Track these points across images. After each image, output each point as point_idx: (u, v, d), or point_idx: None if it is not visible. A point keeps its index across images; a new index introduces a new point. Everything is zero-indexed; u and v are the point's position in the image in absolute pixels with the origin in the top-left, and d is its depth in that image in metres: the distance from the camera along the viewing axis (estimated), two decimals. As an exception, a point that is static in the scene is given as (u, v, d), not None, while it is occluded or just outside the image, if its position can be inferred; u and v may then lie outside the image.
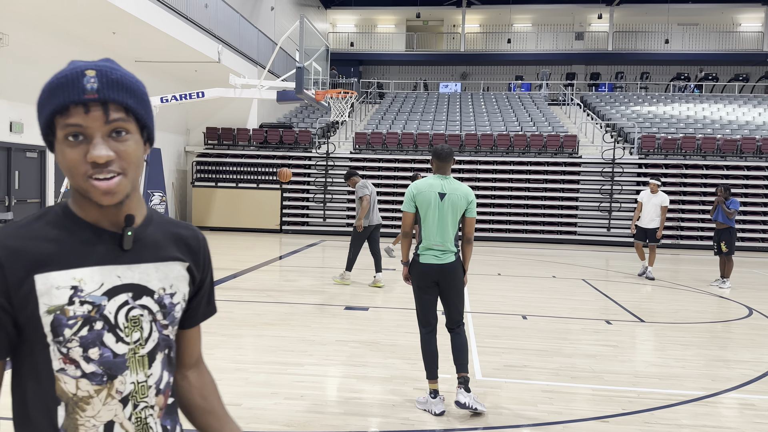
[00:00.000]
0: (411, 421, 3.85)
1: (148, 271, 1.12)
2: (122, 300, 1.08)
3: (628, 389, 4.62)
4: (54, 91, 1.03)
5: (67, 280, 1.03)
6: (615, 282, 10.13)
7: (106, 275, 1.07)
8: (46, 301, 1.02)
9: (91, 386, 1.05)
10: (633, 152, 17.45)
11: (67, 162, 1.03)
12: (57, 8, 10.93)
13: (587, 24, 30.13)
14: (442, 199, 4.09)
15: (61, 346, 1.03)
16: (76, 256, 1.05)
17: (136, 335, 1.09)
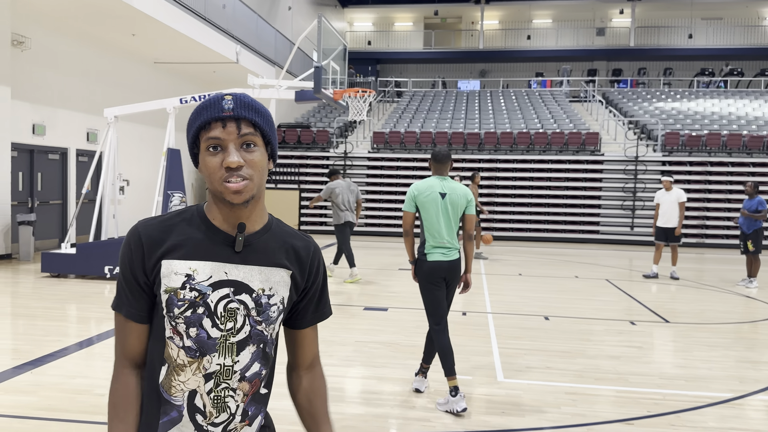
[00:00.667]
0: (432, 423, 3.80)
1: (252, 272, 1.30)
2: (224, 293, 1.27)
3: (653, 391, 4.51)
4: (200, 111, 1.27)
5: (183, 269, 1.27)
6: (639, 282, 9.97)
7: (215, 270, 1.28)
8: (166, 282, 1.26)
9: (186, 357, 1.26)
10: (656, 149, 17.17)
11: (207, 168, 1.26)
12: (77, 11, 11.05)
13: (608, 19, 29.75)
14: (443, 198, 4.19)
15: (172, 319, 1.26)
16: (196, 250, 1.28)
17: (230, 324, 1.28)
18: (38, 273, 9.30)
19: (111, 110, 9.74)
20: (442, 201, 4.18)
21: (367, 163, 17.53)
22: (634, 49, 28.41)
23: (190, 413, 1.27)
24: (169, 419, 1.27)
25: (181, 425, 1.27)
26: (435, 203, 4.17)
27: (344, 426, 3.73)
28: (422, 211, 4.22)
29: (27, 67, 11.38)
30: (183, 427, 1.27)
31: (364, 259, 11.79)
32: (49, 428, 3.58)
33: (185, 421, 1.27)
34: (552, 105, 21.76)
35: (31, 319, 6.31)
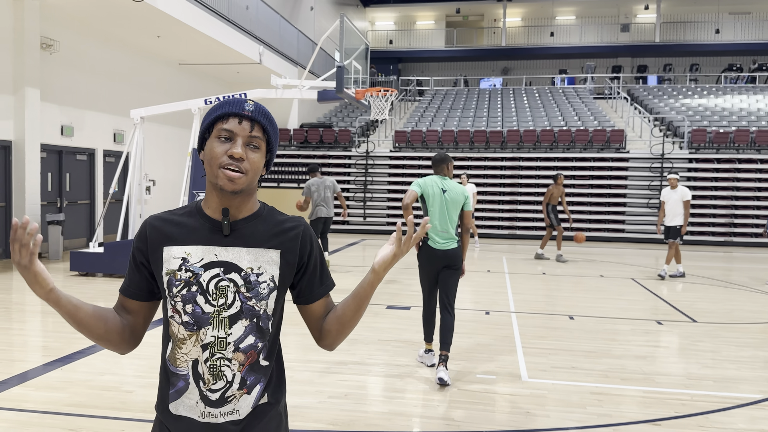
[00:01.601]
0: (456, 422, 3.79)
1: (240, 253, 1.44)
2: (215, 272, 1.43)
3: (681, 392, 4.45)
4: (223, 104, 1.42)
5: (180, 253, 1.44)
6: (665, 281, 9.82)
7: (206, 252, 1.44)
8: (167, 266, 1.44)
9: (185, 332, 1.42)
10: (683, 147, 16.90)
11: (212, 152, 1.40)
12: (104, 14, 11.23)
13: (633, 15, 29.34)
14: (443, 193, 4.77)
15: (171, 299, 1.43)
16: (190, 236, 1.45)
17: (221, 300, 1.42)
18: (67, 271, 9.48)
19: (137, 111, 9.88)
20: (443, 195, 4.76)
21: (388, 162, 17.53)
22: (659, 45, 27.98)
23: (195, 380, 1.42)
24: (176, 390, 1.44)
25: (187, 393, 1.43)
26: (437, 197, 4.76)
27: (367, 424, 3.74)
28: (427, 202, 4.79)
29: (56, 70, 11.60)
30: (189, 394, 1.42)
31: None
32: (79, 423, 3.65)
33: (191, 388, 1.42)
34: (576, 102, 21.53)
35: (59, 317, 6.44)
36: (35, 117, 10.75)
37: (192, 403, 1.42)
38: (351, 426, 3.71)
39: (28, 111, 10.56)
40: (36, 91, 10.72)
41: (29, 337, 5.66)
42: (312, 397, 4.18)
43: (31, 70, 10.58)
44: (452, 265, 4.74)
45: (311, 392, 4.28)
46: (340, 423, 3.75)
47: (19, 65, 10.46)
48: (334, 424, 3.74)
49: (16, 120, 10.54)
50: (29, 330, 5.91)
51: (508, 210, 16.82)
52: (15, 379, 4.44)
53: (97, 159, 12.96)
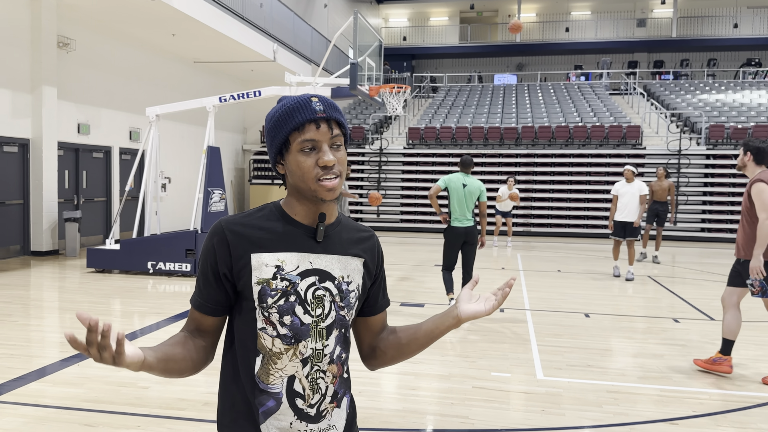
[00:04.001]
0: (470, 420, 3.77)
1: (332, 261, 1.39)
2: (311, 281, 1.35)
3: (698, 390, 4.40)
4: (291, 113, 1.32)
5: (273, 260, 1.33)
6: (682, 279, 9.72)
7: (301, 260, 1.35)
8: (257, 274, 1.32)
9: (282, 345, 1.32)
10: (700, 143, 16.70)
11: (302, 168, 1.32)
12: (120, 13, 11.31)
13: (649, 10, 29.03)
14: (464, 187, 6.34)
15: (264, 310, 1.32)
16: (281, 242, 1.35)
17: (318, 310, 1.35)
18: (84, 268, 9.57)
19: (153, 109, 9.95)
20: (463, 189, 6.34)
21: (402, 159, 17.51)
22: (676, 40, 27.66)
23: (290, 398, 1.33)
24: (266, 409, 1.33)
25: (278, 413, 1.33)
26: (459, 190, 6.33)
27: (382, 421, 3.74)
28: (450, 194, 6.35)
29: (72, 69, 11.71)
30: (280, 414, 1.33)
31: (400, 255, 11.79)
32: (96, 419, 3.68)
33: (283, 408, 1.33)
34: (591, 98, 21.35)
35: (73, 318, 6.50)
36: (52, 115, 10.86)
37: (285, 424, 1.33)
38: (365, 423, 3.71)
39: (45, 109, 10.67)
40: (53, 89, 10.83)
41: (47, 333, 5.73)
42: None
43: (48, 69, 10.69)
44: (470, 240, 6.35)
45: (325, 389, 4.27)
46: (355, 420, 3.75)
47: (37, 64, 10.57)
48: (348, 421, 3.73)
49: (33, 118, 10.66)
50: (47, 326, 5.97)
51: (523, 207, 16.73)
52: (33, 374, 4.50)
53: (113, 157, 13.08)
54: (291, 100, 1.34)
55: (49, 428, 3.54)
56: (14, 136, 10.37)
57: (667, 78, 25.86)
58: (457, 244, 6.30)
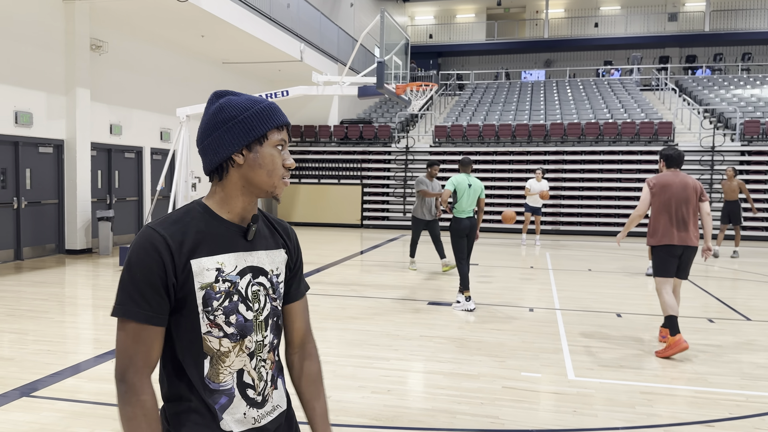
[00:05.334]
0: (501, 420, 3.74)
1: (262, 256, 1.44)
2: (248, 279, 1.40)
3: (735, 392, 4.29)
4: (274, 112, 1.39)
5: (213, 264, 1.35)
6: (717, 278, 9.51)
7: (238, 260, 1.39)
8: (200, 279, 1.32)
9: (230, 343, 1.37)
10: (734, 139, 16.30)
11: (275, 163, 1.38)
12: (150, 15, 11.49)
13: (681, 4, 28.44)
14: (469, 187, 7.09)
15: (209, 314, 1.34)
16: (218, 245, 1.36)
17: (256, 305, 1.42)
18: (116, 266, 9.75)
19: (183, 110, 10.09)
20: (468, 189, 7.08)
21: (428, 158, 17.45)
22: (709, 34, 27.05)
23: (241, 391, 1.38)
24: (220, 406, 1.37)
25: (232, 407, 1.37)
26: (465, 189, 7.07)
27: (411, 420, 3.73)
28: (459, 193, 7.08)
29: (105, 71, 11.94)
30: (233, 408, 1.37)
31: (427, 254, 11.76)
32: (130, 415, 3.74)
33: (236, 401, 1.38)
34: (622, 94, 21.01)
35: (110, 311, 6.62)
36: (86, 116, 11.08)
37: (240, 416, 1.38)
38: (394, 422, 3.71)
39: (79, 111, 10.90)
40: (86, 91, 11.05)
41: (81, 330, 5.85)
42: (355, 392, 4.19)
43: (81, 71, 10.91)
44: (473, 232, 7.11)
45: (354, 387, 4.29)
46: (384, 418, 3.75)
47: (71, 66, 10.79)
48: (377, 419, 3.74)
49: (68, 120, 10.89)
50: (81, 323, 6.10)
51: (552, 205, 16.55)
52: (68, 370, 4.59)
53: (144, 157, 13.29)
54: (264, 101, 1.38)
55: (85, 423, 3.61)
56: (49, 137, 10.62)
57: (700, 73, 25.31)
58: (463, 235, 7.03)
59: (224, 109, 1.37)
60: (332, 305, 7.01)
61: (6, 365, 4.68)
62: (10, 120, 9.83)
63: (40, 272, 9.08)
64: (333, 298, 7.39)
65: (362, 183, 17.69)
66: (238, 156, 1.35)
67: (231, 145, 1.35)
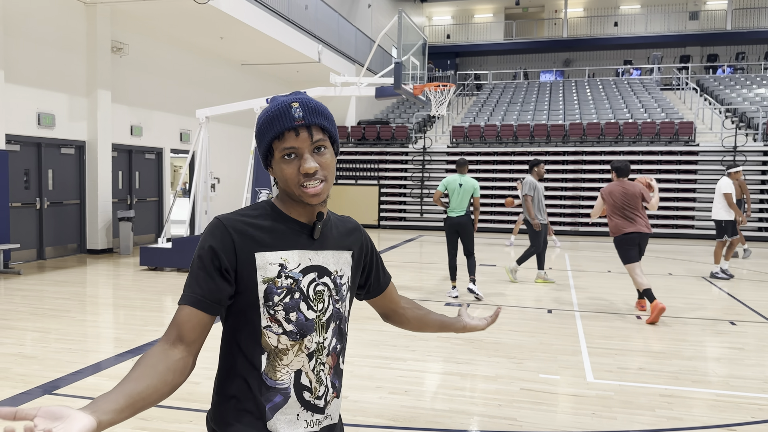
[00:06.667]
0: (519, 422, 3.72)
1: (328, 256, 1.42)
2: (311, 277, 1.38)
3: (758, 396, 4.23)
4: (271, 122, 1.33)
5: (277, 259, 1.34)
6: (739, 279, 9.36)
7: (302, 257, 1.37)
8: (262, 273, 1.33)
9: (288, 341, 1.35)
10: (757, 138, 16.05)
11: (284, 175, 1.34)
12: (170, 17, 11.61)
13: (702, 2, 28.06)
14: (460, 187, 7.44)
15: (270, 308, 1.33)
16: (282, 241, 1.36)
17: (320, 305, 1.39)
18: (137, 266, 9.87)
19: (202, 111, 10.18)
20: (459, 188, 7.44)
21: (446, 158, 17.41)
22: (731, 33, 26.65)
23: (297, 392, 1.36)
24: (273, 405, 1.35)
25: (285, 407, 1.35)
26: (456, 189, 7.45)
27: (428, 421, 3.72)
28: (449, 192, 7.50)
29: (125, 72, 12.08)
30: (287, 408, 1.35)
31: (444, 254, 11.73)
32: (149, 413, 3.79)
33: (291, 402, 1.35)
34: (642, 94, 20.79)
35: (131, 310, 6.71)
36: (107, 118, 11.23)
37: (292, 417, 1.35)
38: (412, 423, 3.70)
39: (100, 112, 11.05)
40: (107, 92, 11.20)
41: (102, 328, 5.93)
42: (372, 393, 4.20)
43: (102, 73, 11.06)
44: (465, 229, 7.45)
45: (371, 387, 4.30)
46: (401, 419, 3.75)
47: (92, 68, 10.94)
48: (395, 420, 3.74)
49: (89, 121, 11.05)
50: (102, 322, 6.18)
51: (571, 206, 16.42)
52: (89, 369, 4.66)
53: (164, 158, 13.43)
54: (273, 105, 1.33)
55: (106, 421, 3.66)
56: (71, 139, 10.77)
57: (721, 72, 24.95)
58: (453, 231, 7.50)
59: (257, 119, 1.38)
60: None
61: (29, 363, 4.76)
62: (33, 122, 9.99)
63: (62, 272, 9.21)
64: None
65: (379, 183, 17.71)
66: (269, 170, 1.39)
67: (263, 160, 1.40)
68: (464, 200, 7.40)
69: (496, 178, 16.91)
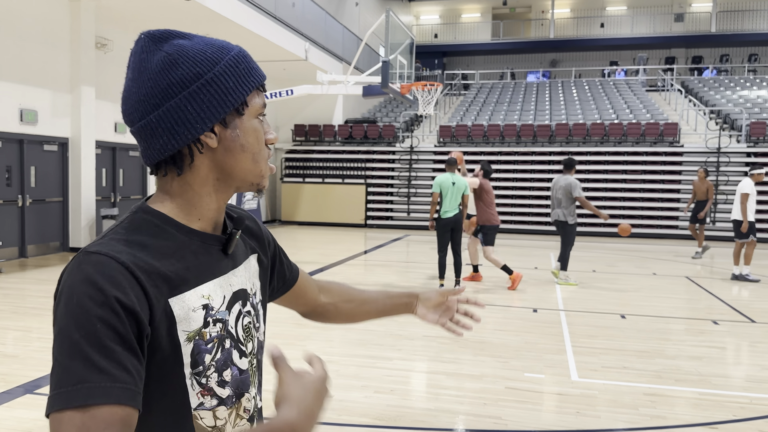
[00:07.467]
0: (503, 421, 3.73)
1: (241, 272, 1.02)
2: (237, 310, 0.98)
3: (739, 394, 4.27)
4: (250, 66, 0.94)
5: (198, 300, 0.90)
6: (722, 280, 9.46)
7: (224, 286, 0.96)
8: (185, 327, 0.87)
9: (225, 412, 0.94)
10: (740, 140, 16.24)
11: (260, 142, 0.96)
12: (155, 14, 11.51)
13: (688, 4, 28.34)
14: (453, 185, 7.55)
15: (201, 376, 0.90)
16: (197, 269, 0.92)
17: (250, 345, 1.00)
18: (121, 264, 9.76)
19: (187, 108, 10.08)
20: (452, 186, 7.56)
21: (433, 158, 17.44)
22: (715, 35, 26.94)
23: None
24: None
25: None
26: (449, 188, 7.56)
27: (414, 420, 3.72)
28: (442, 192, 7.61)
29: (109, 69, 11.96)
30: None
31: (432, 254, 11.74)
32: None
33: None
34: (627, 95, 20.95)
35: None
36: (91, 114, 11.11)
37: None
38: (397, 422, 3.70)
39: (83, 109, 10.92)
40: (91, 89, 11.07)
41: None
42: (358, 392, 4.18)
43: (86, 69, 10.93)
44: (456, 228, 7.63)
45: (357, 387, 4.28)
46: (386, 418, 3.74)
47: (76, 64, 10.82)
48: (380, 419, 3.73)
49: (72, 118, 10.92)
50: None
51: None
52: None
53: (149, 155, 13.31)
54: (227, 45, 0.93)
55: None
56: (54, 135, 10.64)
57: (706, 74, 25.22)
58: (447, 231, 7.66)
59: (177, 63, 0.88)
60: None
61: (10, 362, 4.69)
62: (16, 118, 9.86)
63: (44, 270, 9.10)
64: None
65: (366, 183, 17.69)
66: (209, 136, 0.91)
67: (199, 121, 0.89)
68: (457, 199, 7.57)
69: (483, 177, 16.94)
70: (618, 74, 26.09)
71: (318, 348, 5.21)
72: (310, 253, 11.44)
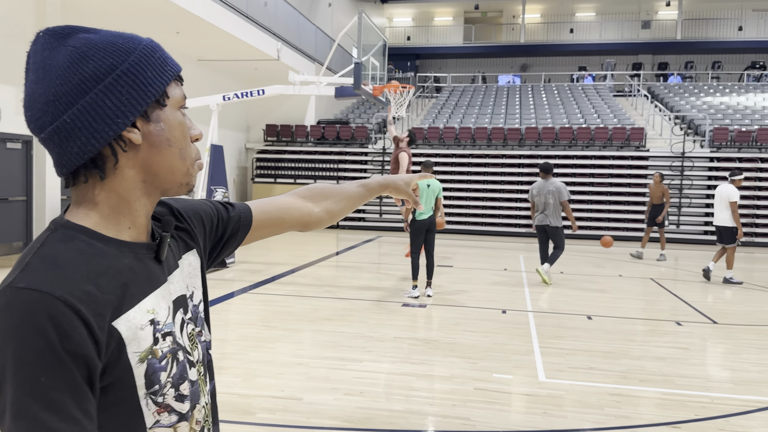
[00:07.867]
0: (472, 422, 3.77)
1: (176, 278, 0.95)
2: (180, 318, 0.92)
3: (701, 394, 4.39)
4: (164, 56, 0.88)
5: (143, 316, 0.85)
6: (685, 281, 9.70)
7: (165, 296, 0.90)
8: (135, 348, 0.82)
9: (186, 426, 0.91)
10: (704, 145, 16.66)
11: (186, 136, 0.90)
12: (124, 10, 11.32)
13: (654, 12, 28.97)
14: (428, 187, 7.68)
15: (157, 395, 0.85)
16: (135, 285, 0.85)
17: (197, 354, 0.95)
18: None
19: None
20: (427, 189, 7.69)
21: (405, 159, 17.47)
22: (681, 42, 27.59)
23: None
24: None
25: None
26: (425, 190, 7.67)
27: (383, 422, 3.73)
28: (419, 194, 7.39)
29: (76, 66, 11.72)
30: None
31: (401, 255, 11.78)
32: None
33: None
34: (595, 99, 21.32)
35: None
36: (56, 112, 10.86)
37: None
38: (367, 424, 3.71)
39: (49, 106, 10.67)
40: (57, 86, 10.83)
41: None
42: (328, 394, 4.18)
43: (52, 66, 10.69)
44: (431, 229, 7.71)
45: (327, 389, 4.28)
46: (356, 420, 3.75)
47: (41, 61, 10.57)
48: (350, 421, 3.73)
49: (37, 115, 10.66)
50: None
51: (526, 208, 16.71)
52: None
53: (116, 154, 13.08)
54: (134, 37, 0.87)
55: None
56: (18, 133, 10.39)
57: (672, 80, 25.80)
58: (422, 233, 7.73)
59: (87, 56, 0.81)
60: (306, 306, 6.98)
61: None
62: (-22, 114, 9.60)
63: (6, 270, 8.87)
64: (307, 300, 7.36)
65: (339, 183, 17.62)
66: (132, 132, 0.84)
67: (120, 115, 0.82)
68: (431, 201, 7.72)
69: (455, 180, 17.07)
70: (586, 79, 26.54)
71: (287, 350, 5.19)
72: (281, 255, 11.37)
